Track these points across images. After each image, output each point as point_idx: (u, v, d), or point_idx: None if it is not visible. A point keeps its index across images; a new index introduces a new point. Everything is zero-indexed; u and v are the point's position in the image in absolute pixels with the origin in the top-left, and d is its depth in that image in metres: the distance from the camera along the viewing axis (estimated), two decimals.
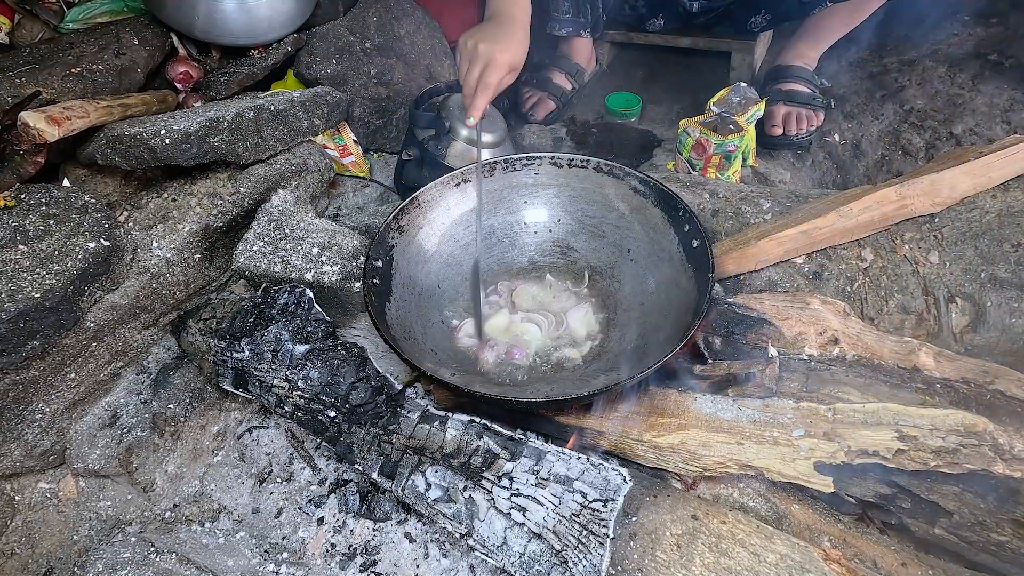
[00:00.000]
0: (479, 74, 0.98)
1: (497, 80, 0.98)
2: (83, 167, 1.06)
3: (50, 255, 0.84)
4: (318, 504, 0.82)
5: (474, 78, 0.98)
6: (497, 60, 0.97)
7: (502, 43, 0.98)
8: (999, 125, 1.36)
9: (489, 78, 0.97)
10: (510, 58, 0.98)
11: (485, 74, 0.97)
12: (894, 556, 0.70)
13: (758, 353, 0.82)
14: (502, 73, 0.98)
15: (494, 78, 0.97)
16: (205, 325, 0.94)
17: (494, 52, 0.97)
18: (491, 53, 0.97)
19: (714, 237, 1.02)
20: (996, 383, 0.75)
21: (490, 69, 0.97)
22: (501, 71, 0.97)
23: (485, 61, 0.97)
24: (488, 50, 0.97)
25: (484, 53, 0.97)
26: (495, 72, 0.97)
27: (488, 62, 0.97)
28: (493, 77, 0.97)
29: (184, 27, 1.23)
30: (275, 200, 1.05)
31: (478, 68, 0.98)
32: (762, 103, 1.21)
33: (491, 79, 0.97)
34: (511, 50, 0.98)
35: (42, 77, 1.04)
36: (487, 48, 0.97)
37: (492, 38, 0.98)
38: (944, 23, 1.59)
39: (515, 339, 0.93)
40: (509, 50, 0.98)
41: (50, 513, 0.88)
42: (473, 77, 0.99)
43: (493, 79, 0.97)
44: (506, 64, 0.98)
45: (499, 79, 0.98)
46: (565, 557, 0.63)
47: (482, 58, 0.97)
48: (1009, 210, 0.90)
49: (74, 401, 0.89)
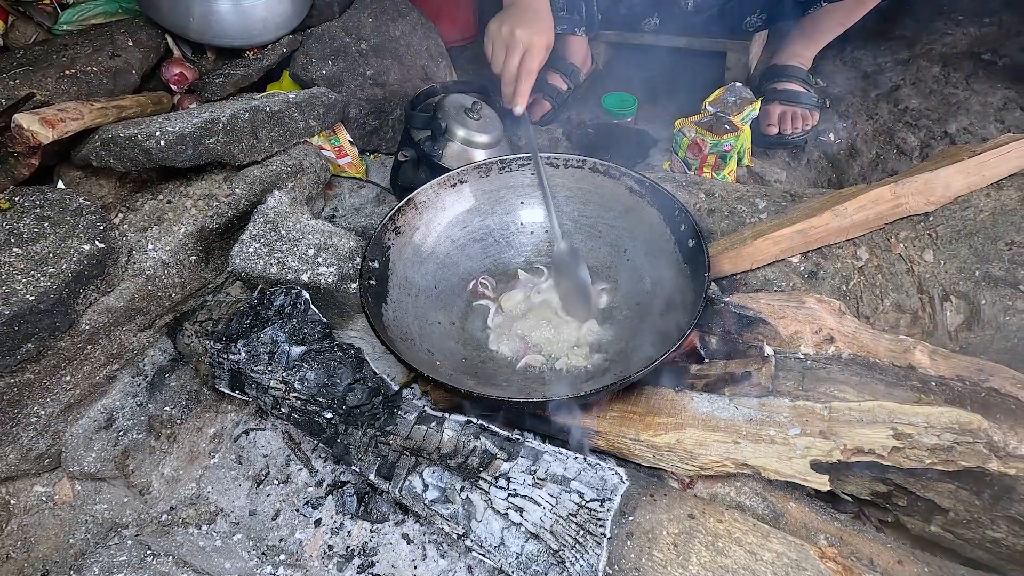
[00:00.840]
0: (519, 60, 0.95)
1: (539, 64, 0.96)
2: (78, 169, 1.06)
3: (45, 257, 0.84)
4: (315, 506, 0.82)
5: (514, 64, 0.96)
6: (536, 44, 0.95)
7: (536, 25, 0.96)
8: (993, 124, 1.37)
9: (531, 63, 0.95)
10: (547, 40, 0.96)
11: (527, 59, 0.95)
12: (890, 553, 0.71)
13: (754, 352, 0.83)
14: (542, 56, 0.96)
15: (536, 62, 0.95)
16: (201, 327, 0.94)
17: (532, 36, 0.94)
18: (530, 38, 0.94)
19: (710, 236, 1.02)
20: (991, 381, 0.76)
21: (531, 54, 0.95)
22: (541, 54, 0.96)
23: (525, 46, 0.95)
24: (525, 35, 0.95)
25: (522, 38, 0.95)
26: (536, 56, 0.95)
27: (528, 47, 0.95)
28: (535, 62, 0.95)
29: (179, 28, 1.23)
30: (271, 201, 1.05)
31: (517, 54, 0.95)
32: (757, 103, 1.21)
33: (533, 64, 0.95)
34: (546, 32, 0.97)
35: (36, 79, 1.04)
36: (524, 33, 0.95)
37: (526, 22, 0.96)
38: (938, 22, 1.59)
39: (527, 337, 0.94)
40: (545, 32, 0.96)
41: (46, 516, 0.87)
42: (513, 64, 0.96)
43: (535, 64, 0.95)
44: (544, 47, 0.96)
45: (540, 63, 0.96)
46: (562, 557, 0.63)
47: (520, 44, 0.95)
48: (1003, 208, 0.90)
49: (69, 404, 0.89)
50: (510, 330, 0.94)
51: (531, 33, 0.95)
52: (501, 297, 0.99)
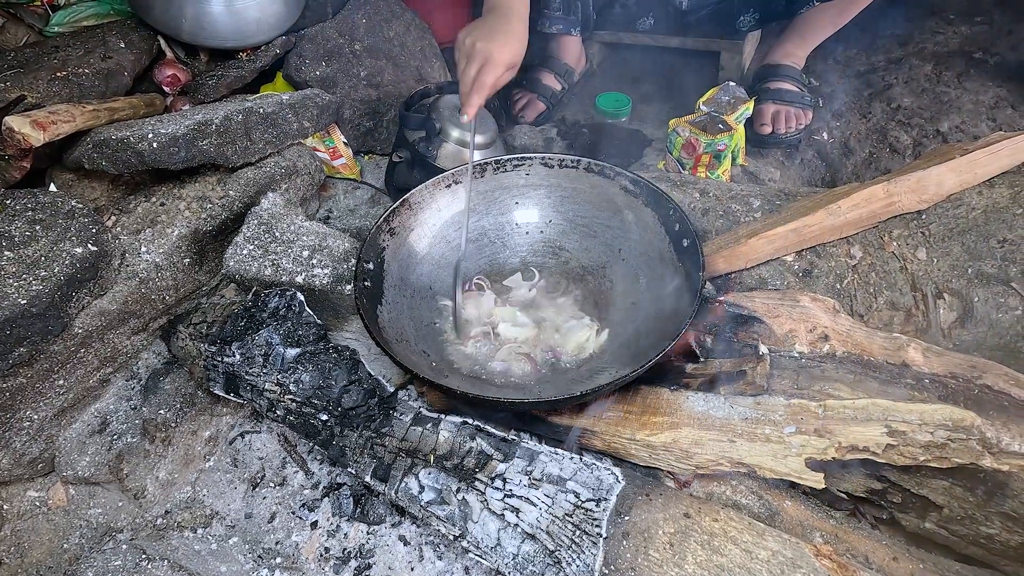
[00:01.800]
0: (475, 72, 0.96)
1: (494, 79, 0.95)
2: (70, 172, 1.05)
3: (37, 261, 0.83)
4: (312, 508, 0.82)
5: (470, 77, 0.96)
6: (495, 58, 0.94)
7: (499, 40, 0.96)
8: (984, 122, 1.38)
9: (485, 77, 0.95)
10: (508, 56, 0.96)
11: (482, 73, 0.95)
12: (886, 550, 0.71)
13: (749, 351, 0.83)
14: (499, 71, 0.95)
15: (490, 77, 0.95)
16: (195, 330, 0.93)
17: (491, 50, 0.94)
18: (488, 51, 0.94)
19: (704, 236, 1.02)
20: (984, 378, 0.76)
21: (487, 68, 0.95)
22: (498, 70, 0.95)
23: (483, 59, 0.95)
24: (485, 48, 0.94)
25: (481, 51, 0.95)
26: (492, 71, 0.95)
27: (485, 60, 0.95)
28: (490, 76, 0.95)
29: (171, 30, 1.22)
30: (265, 203, 1.05)
31: (475, 66, 0.95)
32: (751, 102, 1.22)
33: (487, 78, 0.95)
34: (509, 47, 0.96)
35: (27, 81, 1.03)
36: (484, 46, 0.95)
37: (490, 35, 0.96)
38: (929, 21, 1.60)
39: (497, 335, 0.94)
40: (507, 47, 0.96)
41: (40, 521, 0.87)
42: (469, 76, 0.96)
43: (489, 78, 0.95)
44: (504, 63, 0.95)
45: (496, 78, 0.96)
46: (559, 557, 0.63)
47: (479, 56, 0.95)
48: (995, 206, 0.91)
49: (63, 408, 0.89)
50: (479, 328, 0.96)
51: (492, 47, 0.94)
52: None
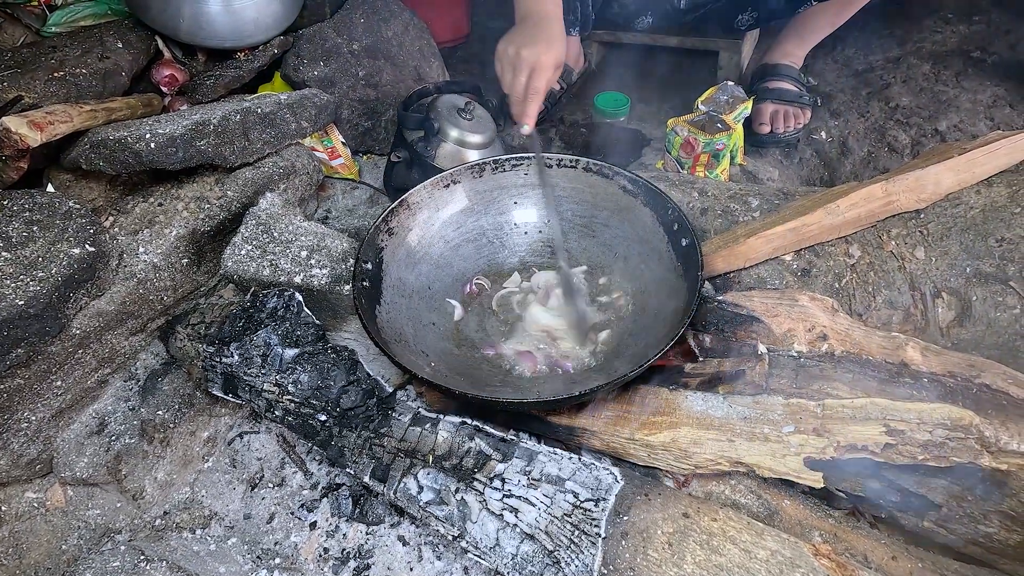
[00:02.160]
0: (526, 80, 0.97)
1: (546, 84, 0.97)
2: (67, 172, 1.05)
3: (34, 261, 0.83)
4: (310, 509, 0.82)
5: (521, 84, 0.97)
6: (543, 63, 0.96)
7: (542, 44, 0.97)
8: (983, 121, 1.38)
9: (538, 83, 0.96)
10: (554, 58, 0.98)
11: (533, 79, 0.96)
12: (884, 549, 0.71)
13: (748, 350, 0.83)
14: (549, 75, 0.97)
15: (542, 82, 0.96)
16: (194, 330, 0.93)
17: (539, 56, 0.96)
18: (536, 57, 0.96)
19: (703, 235, 1.02)
20: (982, 376, 0.76)
21: (537, 73, 0.96)
22: (548, 73, 0.97)
23: (531, 66, 0.96)
24: (532, 54, 0.96)
25: (528, 58, 0.96)
26: (542, 76, 0.96)
27: (534, 67, 0.96)
28: (541, 81, 0.96)
29: (169, 30, 1.22)
30: (263, 203, 1.04)
31: (524, 74, 0.97)
32: (749, 101, 1.22)
33: (539, 83, 0.96)
34: (553, 50, 0.98)
35: (24, 81, 1.03)
36: (530, 52, 0.96)
37: (533, 41, 0.98)
38: (928, 21, 1.60)
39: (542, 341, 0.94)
40: (552, 50, 0.97)
41: (38, 523, 0.87)
42: (520, 84, 0.97)
43: (541, 83, 0.96)
44: (551, 65, 0.97)
45: (547, 82, 0.97)
46: (557, 557, 0.63)
47: (527, 63, 0.96)
48: (993, 205, 0.91)
49: (61, 409, 0.88)
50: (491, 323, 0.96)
51: (537, 52, 0.96)
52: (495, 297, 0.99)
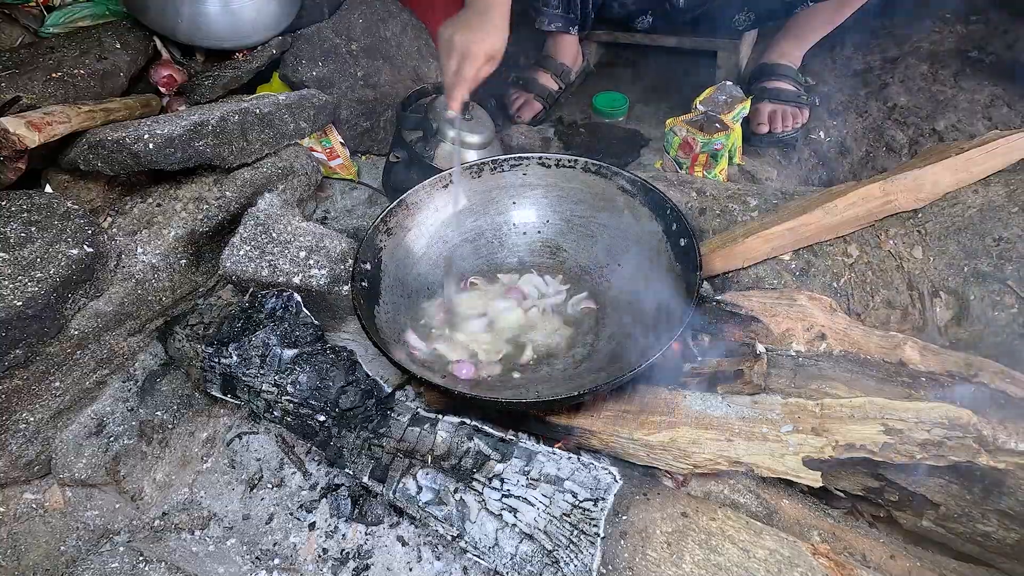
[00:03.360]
0: (456, 66, 0.97)
1: (474, 71, 0.97)
2: (65, 173, 1.05)
3: (32, 262, 0.83)
4: (309, 509, 0.82)
5: (451, 70, 0.97)
6: (473, 51, 0.95)
7: (478, 32, 0.97)
8: (980, 121, 1.38)
9: (466, 70, 0.96)
10: (487, 48, 0.97)
11: (462, 66, 0.96)
12: (883, 548, 0.71)
13: (746, 350, 0.83)
14: (479, 63, 0.97)
15: (471, 70, 0.96)
16: (192, 331, 0.93)
17: (470, 43, 0.95)
18: (467, 44, 0.95)
19: (702, 235, 1.03)
20: (980, 375, 0.76)
21: (467, 61, 0.96)
22: (478, 62, 0.96)
23: (462, 52, 0.96)
24: (464, 40, 0.96)
25: (460, 44, 0.96)
26: (472, 64, 0.96)
27: (464, 53, 0.96)
28: (470, 69, 0.96)
29: (167, 30, 1.22)
30: (262, 204, 1.04)
31: (455, 60, 0.97)
32: (748, 101, 1.22)
33: (467, 71, 0.96)
34: (488, 39, 0.97)
35: (22, 82, 1.03)
36: (463, 39, 0.96)
37: (468, 27, 0.97)
38: (925, 20, 1.61)
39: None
40: (486, 40, 0.96)
41: (36, 524, 0.86)
42: (451, 69, 0.98)
43: (470, 71, 0.96)
44: (483, 54, 0.96)
45: (476, 70, 0.97)
46: (556, 557, 0.63)
47: (458, 49, 0.96)
48: (990, 205, 0.91)
49: (59, 410, 0.88)
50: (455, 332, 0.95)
51: (470, 39, 0.96)
52: None
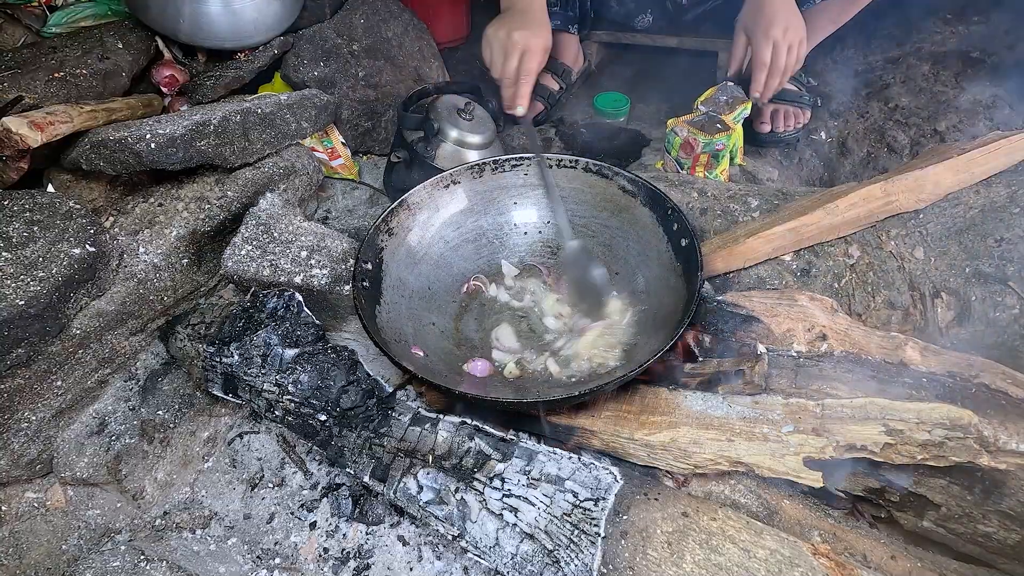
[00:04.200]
0: (517, 62, 0.98)
1: (537, 65, 0.99)
2: (67, 172, 1.05)
3: (34, 262, 0.83)
4: (310, 509, 0.82)
5: (513, 67, 0.99)
6: (533, 46, 0.98)
7: (533, 28, 0.99)
8: (982, 122, 1.38)
9: (530, 64, 0.98)
10: (544, 42, 1.00)
11: (525, 61, 0.98)
12: (884, 549, 0.71)
13: (747, 350, 0.83)
14: (540, 58, 1.00)
15: (534, 64, 0.99)
16: (194, 330, 0.93)
17: (529, 39, 0.98)
18: (527, 40, 0.98)
19: (703, 235, 1.03)
20: (981, 376, 0.76)
21: (528, 56, 0.98)
22: (539, 56, 0.99)
23: (522, 49, 0.98)
24: (523, 37, 0.98)
25: (520, 41, 0.98)
26: (534, 58, 0.98)
27: (525, 49, 0.98)
28: (534, 63, 0.99)
29: (169, 30, 1.22)
30: (263, 204, 1.04)
31: (516, 56, 0.99)
32: (749, 102, 1.22)
33: (532, 65, 0.99)
34: (543, 34, 1.00)
35: (24, 82, 1.03)
36: (522, 36, 0.98)
37: (522, 25, 0.99)
38: (927, 21, 1.61)
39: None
40: (542, 34, 1.00)
41: (38, 523, 0.87)
42: (512, 66, 0.99)
43: (534, 65, 0.99)
44: (542, 48, 0.99)
45: (539, 64, 0.99)
46: (557, 557, 0.63)
47: (518, 46, 0.98)
48: (992, 205, 0.91)
49: (61, 409, 0.88)
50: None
51: (528, 35, 0.98)
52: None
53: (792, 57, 1.08)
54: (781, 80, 1.12)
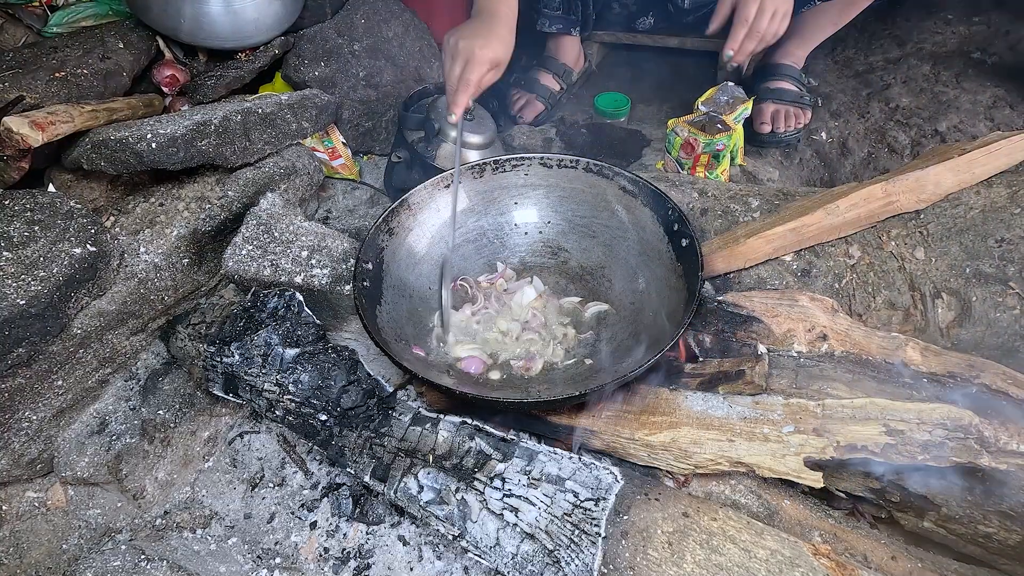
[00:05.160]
0: (460, 71, 0.98)
1: (478, 77, 0.98)
2: (68, 172, 1.05)
3: (35, 261, 0.83)
4: (311, 508, 0.82)
5: (455, 75, 0.99)
6: (478, 56, 0.97)
7: (484, 39, 0.98)
8: (982, 122, 1.38)
9: (469, 75, 0.97)
10: (491, 54, 0.98)
11: (466, 71, 0.97)
12: (884, 549, 0.71)
13: (748, 350, 0.83)
14: (484, 69, 0.98)
15: (475, 75, 0.97)
16: (194, 330, 0.93)
17: (474, 48, 0.97)
18: (472, 49, 0.97)
19: (703, 236, 1.03)
20: (981, 377, 0.76)
21: (471, 66, 0.97)
22: (482, 67, 0.97)
23: (466, 58, 0.97)
24: (469, 46, 0.97)
25: (465, 49, 0.97)
26: (476, 69, 0.97)
27: (469, 58, 0.97)
28: (474, 74, 0.97)
29: (170, 30, 1.22)
30: (264, 203, 1.05)
31: (459, 65, 0.98)
32: (749, 102, 1.22)
33: (471, 76, 0.97)
34: (492, 46, 0.98)
35: (26, 82, 1.03)
36: (468, 44, 0.97)
37: (474, 34, 0.98)
38: (928, 21, 1.61)
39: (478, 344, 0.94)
40: (490, 46, 0.98)
41: (38, 522, 0.87)
42: (455, 74, 0.99)
43: (474, 76, 0.97)
44: (487, 60, 0.98)
45: (480, 76, 0.98)
46: (558, 557, 0.63)
47: (463, 55, 0.97)
48: (992, 206, 0.91)
49: (62, 409, 0.88)
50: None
51: (475, 45, 0.97)
52: None
53: (774, 24, 1.06)
54: (757, 45, 1.08)
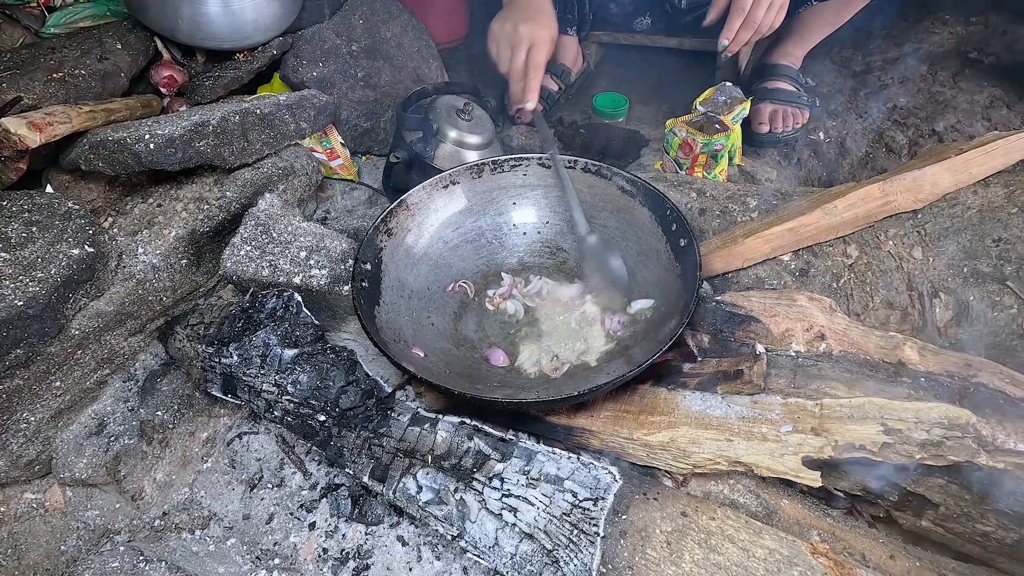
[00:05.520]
0: (526, 55, 0.97)
1: (545, 57, 0.97)
2: (66, 173, 1.05)
3: (33, 262, 0.83)
4: (309, 509, 0.82)
5: (521, 60, 0.97)
6: (540, 37, 0.96)
7: (538, 19, 0.97)
8: (980, 122, 1.39)
9: (538, 57, 0.96)
10: (550, 33, 0.97)
11: (533, 54, 0.96)
12: (882, 548, 0.71)
13: (746, 350, 0.83)
14: (547, 48, 0.97)
15: (542, 56, 0.97)
16: (193, 331, 0.93)
17: (536, 30, 0.96)
18: (533, 32, 0.96)
19: (701, 236, 1.03)
20: (979, 376, 0.76)
21: (536, 48, 0.96)
22: (547, 47, 0.97)
23: (529, 41, 0.96)
24: (529, 29, 0.96)
25: (525, 33, 0.96)
26: (542, 49, 0.96)
27: (532, 42, 0.96)
28: (542, 55, 0.97)
29: (168, 31, 1.22)
30: (262, 204, 1.04)
31: (523, 50, 0.96)
32: (747, 102, 1.22)
33: (540, 57, 0.96)
34: (549, 25, 0.98)
35: (23, 82, 1.03)
36: (527, 28, 0.96)
37: (527, 17, 0.97)
38: (925, 21, 1.61)
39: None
40: (548, 25, 0.98)
41: (36, 524, 0.87)
42: (520, 59, 0.97)
43: (542, 57, 0.97)
44: (549, 39, 0.97)
45: (547, 55, 0.97)
46: (556, 556, 0.63)
47: (525, 39, 0.96)
48: (990, 206, 0.91)
49: (60, 410, 0.88)
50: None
51: (534, 27, 0.96)
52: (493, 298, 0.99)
53: (770, 15, 1.05)
54: (752, 36, 1.08)
